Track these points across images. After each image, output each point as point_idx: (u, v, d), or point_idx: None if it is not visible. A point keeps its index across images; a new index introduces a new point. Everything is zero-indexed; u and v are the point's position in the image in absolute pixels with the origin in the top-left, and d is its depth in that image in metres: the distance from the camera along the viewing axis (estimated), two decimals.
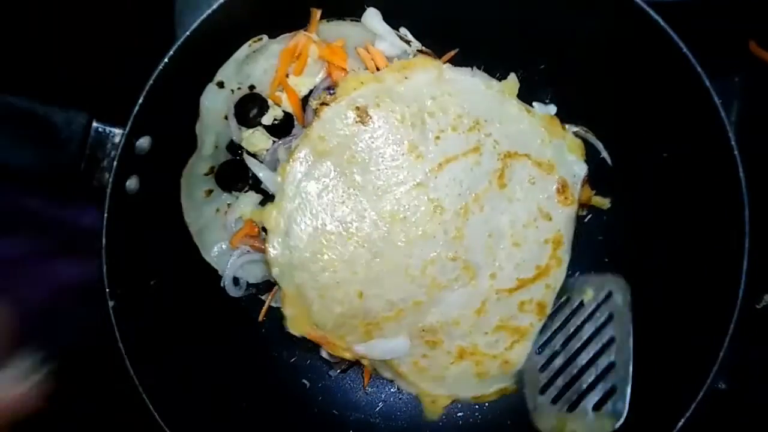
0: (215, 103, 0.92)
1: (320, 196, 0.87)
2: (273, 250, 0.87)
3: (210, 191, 0.96)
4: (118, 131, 0.83)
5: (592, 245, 1.01)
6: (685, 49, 0.82)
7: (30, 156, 0.84)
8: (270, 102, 0.95)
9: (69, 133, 0.83)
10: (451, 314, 0.91)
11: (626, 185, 0.98)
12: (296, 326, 0.90)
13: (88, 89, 0.99)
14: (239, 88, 0.93)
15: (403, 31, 0.95)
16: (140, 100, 0.82)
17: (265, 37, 0.91)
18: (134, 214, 0.85)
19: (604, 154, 0.98)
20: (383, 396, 1.03)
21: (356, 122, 0.87)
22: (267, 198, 0.95)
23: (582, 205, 0.97)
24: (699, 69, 0.81)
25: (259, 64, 0.93)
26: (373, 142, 0.88)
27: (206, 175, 0.95)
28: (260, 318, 0.98)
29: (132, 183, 0.85)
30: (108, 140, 0.83)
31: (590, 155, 0.97)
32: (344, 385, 1.03)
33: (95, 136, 0.83)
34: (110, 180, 0.82)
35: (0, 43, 1.02)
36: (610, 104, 0.94)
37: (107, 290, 0.81)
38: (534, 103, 0.97)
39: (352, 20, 0.94)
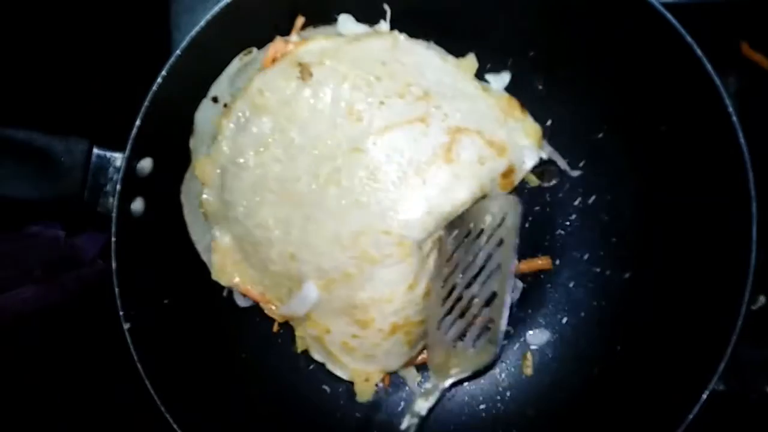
0: (210, 118, 0.91)
1: (256, 152, 0.84)
2: (208, 201, 0.86)
3: None
4: (118, 155, 0.84)
5: (598, 225, 1.01)
6: (673, 21, 0.82)
7: (33, 187, 0.84)
8: None
9: (70, 162, 0.84)
10: (383, 292, 0.86)
11: (626, 163, 0.98)
12: (222, 275, 0.88)
13: (85, 112, 1.00)
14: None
15: (384, 24, 0.93)
16: (137, 123, 0.83)
17: (254, 50, 0.91)
18: (142, 236, 0.85)
19: (564, 165, 0.99)
20: (404, 395, 1.02)
21: (297, 78, 0.84)
22: None
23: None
24: (689, 39, 0.82)
25: (251, 75, 0.91)
26: (313, 101, 0.83)
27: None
28: (274, 329, 0.98)
29: (137, 205, 0.86)
30: (109, 165, 0.84)
31: (586, 129, 0.96)
32: None
33: (96, 162, 0.84)
34: (115, 204, 0.83)
35: None
36: (603, 82, 0.94)
37: (121, 313, 0.81)
38: (487, 76, 0.95)
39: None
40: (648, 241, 0.96)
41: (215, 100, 0.91)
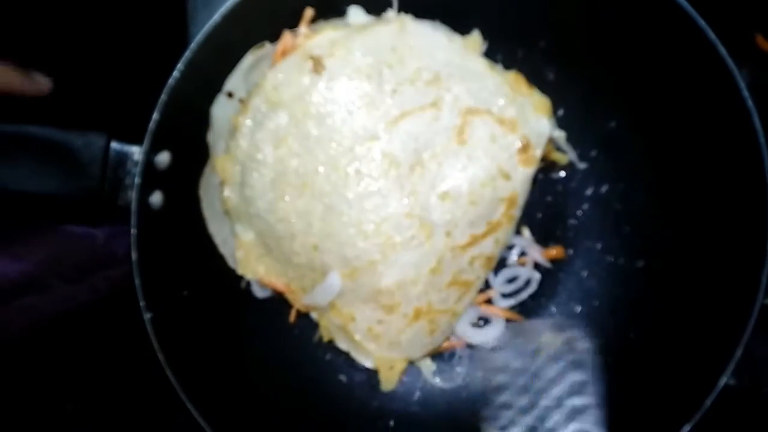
0: (226, 113, 0.92)
1: (275, 147, 0.85)
2: (229, 199, 0.87)
3: None
4: (136, 149, 0.85)
5: (611, 214, 1.01)
6: (685, 5, 0.82)
7: (52, 183, 0.85)
8: None
9: (89, 157, 0.84)
10: (408, 275, 0.88)
11: (639, 151, 0.98)
12: (247, 270, 0.90)
13: (102, 107, 1.00)
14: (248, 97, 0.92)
15: (391, 12, 0.93)
16: (155, 116, 0.84)
17: (267, 44, 0.92)
18: (161, 228, 0.86)
19: (573, 157, 0.99)
20: (419, 385, 1.03)
21: (310, 71, 0.85)
22: None
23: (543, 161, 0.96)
24: (702, 23, 0.82)
25: (263, 71, 0.92)
26: (328, 94, 0.85)
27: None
28: (291, 319, 0.99)
29: (156, 198, 0.87)
30: (128, 159, 0.85)
31: (598, 118, 0.96)
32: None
33: (115, 156, 0.85)
34: (134, 197, 0.84)
35: None
36: (615, 71, 0.95)
37: (142, 303, 0.82)
38: None
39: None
40: (661, 231, 0.97)
41: (230, 95, 0.92)
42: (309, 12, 0.91)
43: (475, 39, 0.92)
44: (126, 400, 1.06)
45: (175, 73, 0.84)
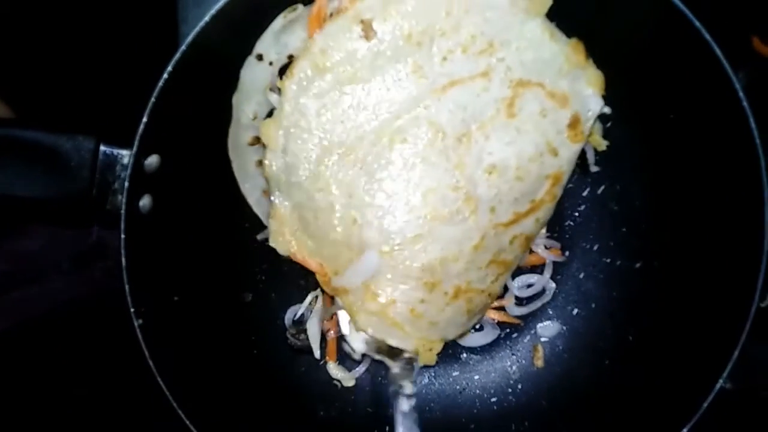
0: (255, 75, 0.90)
1: (319, 113, 0.83)
2: (270, 166, 0.85)
3: (261, 162, 0.92)
4: (126, 152, 0.83)
5: (608, 215, 1.01)
6: (681, 7, 0.81)
7: (41, 187, 0.84)
8: None
9: (78, 160, 0.83)
10: (451, 250, 0.85)
11: (636, 152, 0.97)
12: (279, 242, 0.88)
13: (91, 109, 0.99)
14: (278, 59, 0.91)
15: None
16: (144, 119, 0.82)
17: (300, 6, 0.88)
18: (151, 232, 0.85)
19: (591, 158, 0.97)
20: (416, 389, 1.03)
21: (360, 37, 0.82)
22: None
23: None
24: (698, 24, 0.81)
25: (296, 33, 0.90)
26: (376, 60, 0.82)
27: (252, 145, 0.93)
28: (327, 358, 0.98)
29: (145, 202, 0.85)
30: (117, 162, 0.84)
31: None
32: (375, 381, 1.03)
33: (104, 159, 0.84)
34: (123, 202, 0.83)
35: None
36: (612, 72, 0.92)
37: (132, 310, 0.81)
38: None
39: None
40: (658, 232, 0.96)
41: (260, 57, 0.90)
42: None
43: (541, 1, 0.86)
44: (119, 397, 1.06)
45: (165, 75, 0.82)
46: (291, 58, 0.90)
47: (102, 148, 0.83)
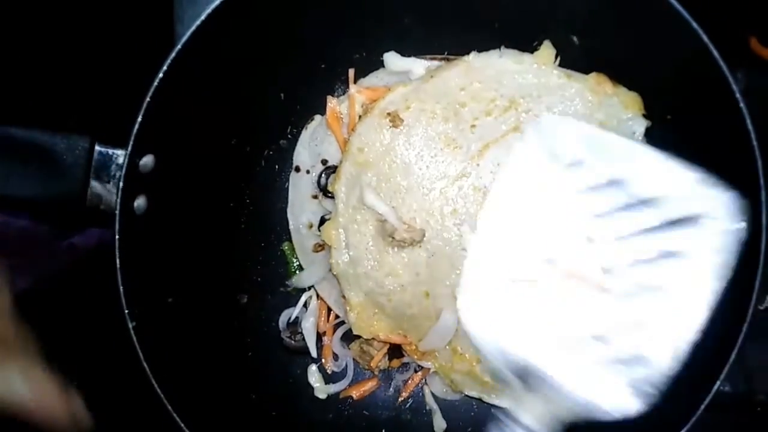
0: (298, 188, 0.98)
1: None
2: (337, 264, 0.90)
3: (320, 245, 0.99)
4: (120, 152, 0.82)
5: None
6: (679, 8, 0.81)
7: (35, 186, 0.83)
8: None
9: (72, 160, 0.82)
10: None
11: None
12: (362, 329, 0.92)
13: (86, 109, 0.98)
14: (313, 166, 0.99)
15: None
16: (139, 119, 0.82)
17: (317, 116, 0.97)
18: (145, 233, 0.84)
19: None
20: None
21: (390, 128, 0.88)
22: None
23: None
24: (695, 26, 0.81)
25: (323, 139, 0.97)
26: (410, 144, 0.89)
27: (317, 252, 0.99)
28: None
29: (140, 203, 0.85)
30: (111, 162, 0.83)
31: None
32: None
33: (98, 159, 0.83)
34: (117, 202, 0.82)
35: None
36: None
37: (126, 312, 0.80)
38: None
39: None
40: None
41: (297, 169, 0.99)
42: (352, 72, 0.97)
43: (546, 51, 0.91)
44: (113, 400, 1.04)
45: (161, 75, 0.82)
46: (324, 162, 0.98)
47: (97, 147, 0.83)
